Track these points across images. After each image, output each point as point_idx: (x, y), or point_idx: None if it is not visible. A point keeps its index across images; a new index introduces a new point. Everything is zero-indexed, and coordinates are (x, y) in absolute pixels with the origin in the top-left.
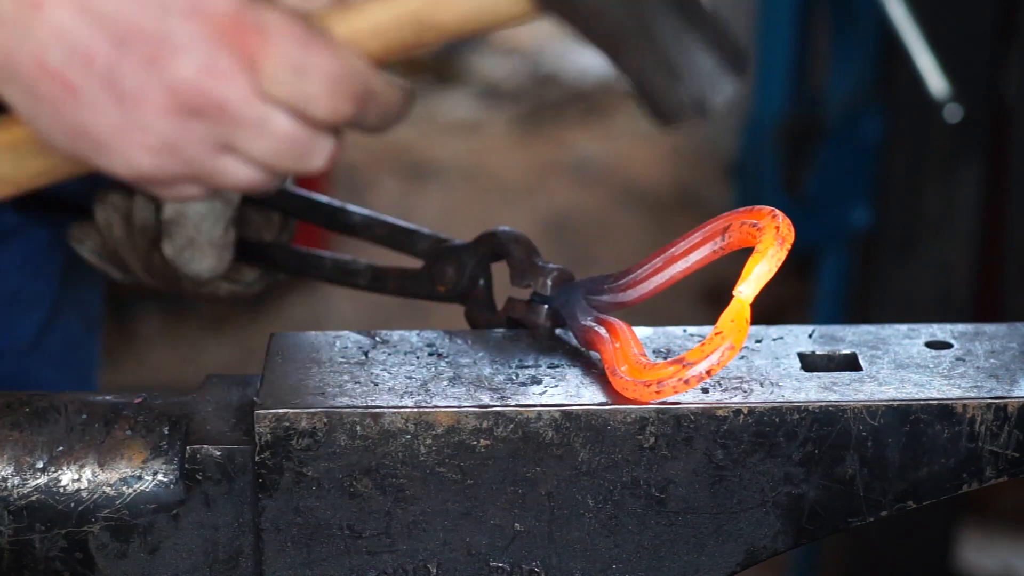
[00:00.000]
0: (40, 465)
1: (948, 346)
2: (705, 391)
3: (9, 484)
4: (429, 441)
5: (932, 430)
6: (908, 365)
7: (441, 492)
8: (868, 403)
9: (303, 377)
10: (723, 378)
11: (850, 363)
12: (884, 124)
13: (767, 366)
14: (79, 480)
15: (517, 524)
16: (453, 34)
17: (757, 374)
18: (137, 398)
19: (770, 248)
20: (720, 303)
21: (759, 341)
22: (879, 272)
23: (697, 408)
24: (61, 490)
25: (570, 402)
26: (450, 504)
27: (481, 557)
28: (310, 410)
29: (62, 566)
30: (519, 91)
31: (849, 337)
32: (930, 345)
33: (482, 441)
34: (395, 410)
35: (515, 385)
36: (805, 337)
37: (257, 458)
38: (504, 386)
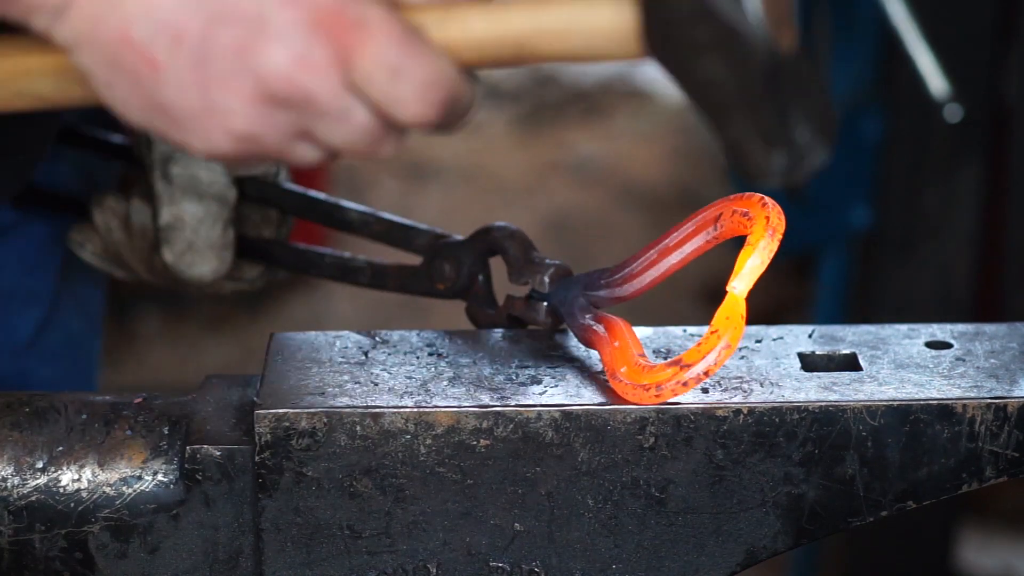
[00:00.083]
0: (40, 465)
1: (948, 346)
2: (705, 391)
3: (9, 484)
4: (429, 441)
5: (932, 430)
6: (908, 365)
7: (441, 492)
8: (868, 403)
9: (303, 377)
10: (723, 378)
11: (850, 363)
12: (884, 124)
13: (767, 366)
14: (79, 480)
15: (517, 524)
16: (552, 61)
17: (757, 374)
18: (137, 398)
19: (761, 240)
20: (720, 302)
21: (759, 341)
22: (879, 272)
23: (697, 408)
24: (61, 490)
25: (570, 402)
26: (450, 504)
27: (481, 557)
28: (310, 410)
29: (62, 566)
30: (519, 91)
31: (849, 337)
32: (930, 345)
33: (482, 441)
34: (395, 410)
35: (515, 385)
36: (805, 337)
37: (257, 458)
38: (504, 386)
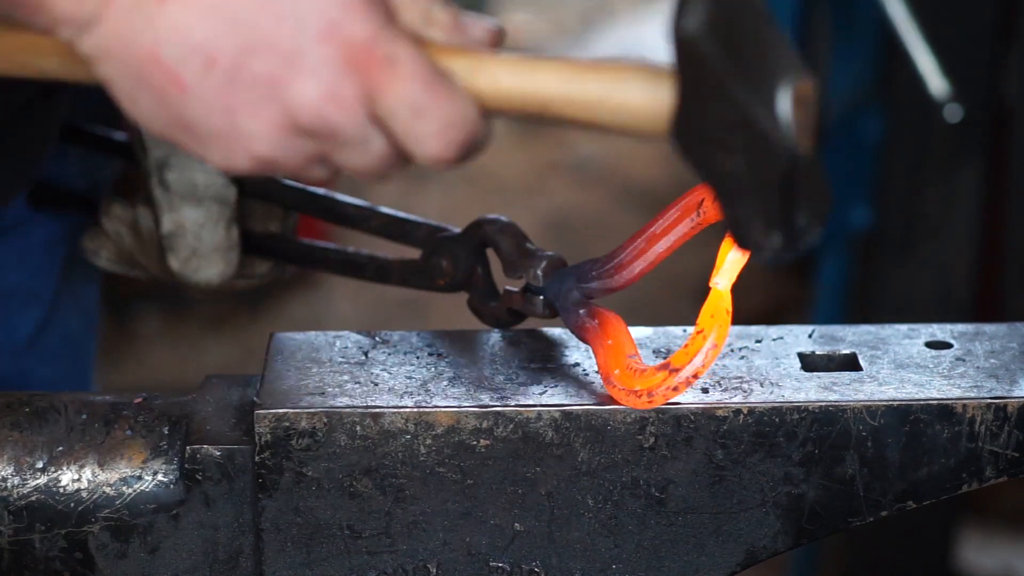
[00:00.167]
0: (40, 465)
1: (948, 346)
2: (705, 391)
3: (9, 484)
4: (429, 441)
5: (932, 430)
6: (908, 365)
7: (441, 492)
8: (868, 403)
9: (303, 377)
10: (723, 378)
11: (850, 363)
12: (884, 124)
13: (767, 366)
14: (79, 480)
15: (517, 524)
16: (574, 127)
17: (757, 374)
18: (137, 398)
19: None
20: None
21: (759, 341)
22: (879, 272)
23: (697, 408)
24: (61, 490)
25: (570, 402)
26: (450, 504)
27: (481, 557)
28: (310, 410)
29: (62, 566)
30: None
31: (849, 337)
32: (930, 345)
33: (482, 441)
34: (395, 410)
35: (515, 385)
36: (805, 337)
37: (257, 458)
38: (504, 386)
